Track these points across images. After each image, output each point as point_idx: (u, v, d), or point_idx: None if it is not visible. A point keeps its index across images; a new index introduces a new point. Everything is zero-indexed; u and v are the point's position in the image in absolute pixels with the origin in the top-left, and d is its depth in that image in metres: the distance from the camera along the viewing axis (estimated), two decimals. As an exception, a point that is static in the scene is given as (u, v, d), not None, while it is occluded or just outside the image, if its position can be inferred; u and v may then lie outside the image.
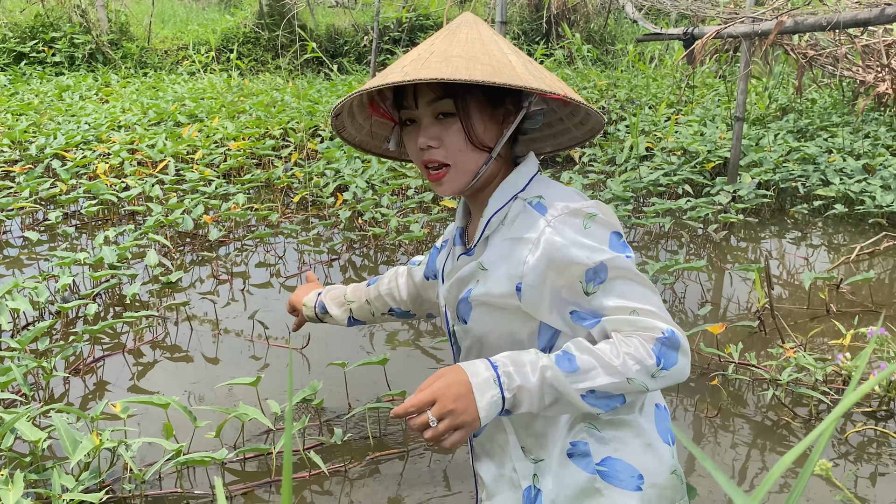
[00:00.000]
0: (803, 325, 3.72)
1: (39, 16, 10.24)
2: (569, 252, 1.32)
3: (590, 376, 1.28)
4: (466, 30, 1.44)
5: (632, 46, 10.76)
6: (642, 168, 5.97)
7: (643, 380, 1.29)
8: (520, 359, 1.33)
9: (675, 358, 1.30)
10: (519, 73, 1.35)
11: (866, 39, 6.23)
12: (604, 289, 1.32)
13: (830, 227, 5.26)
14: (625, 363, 1.28)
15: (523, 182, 1.46)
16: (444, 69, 1.32)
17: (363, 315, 2.12)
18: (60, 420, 2.32)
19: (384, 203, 5.12)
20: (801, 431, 2.87)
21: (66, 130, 6.50)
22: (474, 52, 1.37)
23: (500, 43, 1.44)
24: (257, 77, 10.11)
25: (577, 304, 1.35)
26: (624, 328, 1.31)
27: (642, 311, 1.31)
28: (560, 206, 1.37)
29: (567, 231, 1.34)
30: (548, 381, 1.29)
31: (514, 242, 1.40)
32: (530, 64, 1.45)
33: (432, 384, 1.30)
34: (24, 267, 4.43)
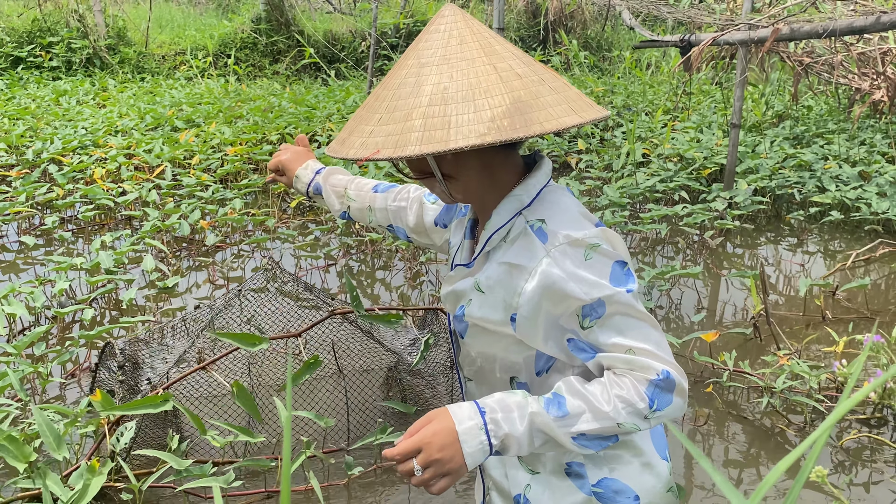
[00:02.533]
0: (799, 331, 3.72)
1: (37, 20, 10.25)
2: (566, 286, 1.28)
3: (580, 421, 1.27)
4: (442, 50, 1.32)
5: (628, 53, 10.79)
6: (639, 174, 5.98)
7: (635, 421, 1.27)
8: (508, 403, 1.30)
9: (669, 399, 1.29)
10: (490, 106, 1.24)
11: (862, 47, 6.26)
12: (601, 324, 1.29)
13: (826, 234, 5.27)
14: (615, 408, 1.26)
15: (529, 196, 1.39)
16: (359, 148, 1.27)
17: (360, 217, 2.00)
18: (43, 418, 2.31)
19: (381, 209, 5.12)
20: (796, 439, 2.87)
21: (63, 135, 6.50)
22: (418, 102, 1.26)
23: (480, 56, 1.31)
24: (255, 82, 10.12)
25: (574, 333, 1.33)
26: (618, 366, 1.29)
27: (638, 349, 1.28)
28: (561, 236, 1.31)
29: (566, 263, 1.29)
30: (536, 426, 1.27)
31: (512, 269, 1.35)
32: (522, 67, 1.32)
33: (419, 430, 1.29)
34: (20, 272, 4.43)
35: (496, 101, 1.24)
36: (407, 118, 1.25)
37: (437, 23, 1.35)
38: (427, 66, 1.29)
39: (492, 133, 1.20)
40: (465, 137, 1.20)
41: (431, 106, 1.25)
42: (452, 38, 1.31)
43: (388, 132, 1.26)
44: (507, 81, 1.26)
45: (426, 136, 1.22)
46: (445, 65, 1.28)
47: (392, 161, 1.28)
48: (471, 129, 1.21)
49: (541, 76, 1.31)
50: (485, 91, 1.25)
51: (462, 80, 1.26)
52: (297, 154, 2.04)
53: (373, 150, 1.24)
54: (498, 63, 1.29)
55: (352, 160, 1.27)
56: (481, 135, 1.20)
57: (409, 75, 1.30)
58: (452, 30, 1.33)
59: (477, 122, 1.22)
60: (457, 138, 1.20)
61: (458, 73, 1.27)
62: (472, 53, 1.29)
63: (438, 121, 1.23)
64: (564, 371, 1.40)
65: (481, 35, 1.33)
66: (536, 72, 1.32)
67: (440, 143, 1.20)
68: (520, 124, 1.22)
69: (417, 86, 1.28)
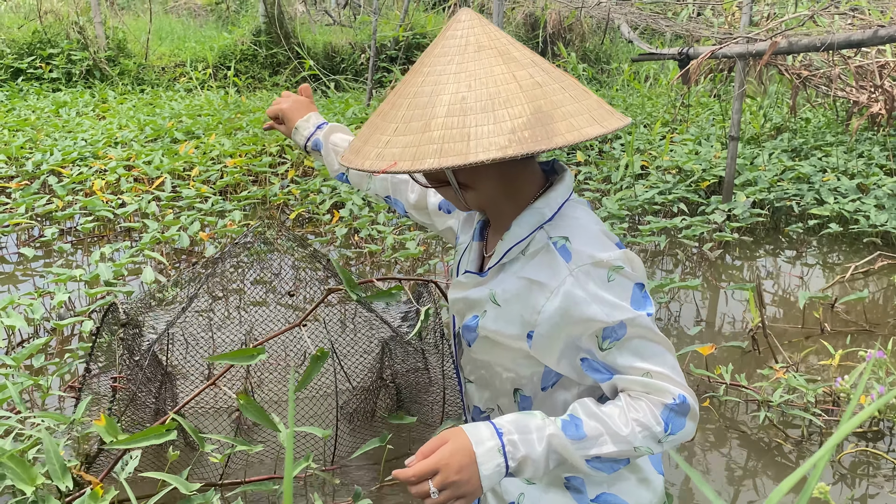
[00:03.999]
0: (798, 344, 3.73)
1: (37, 32, 10.28)
2: (588, 308, 1.26)
3: (597, 443, 1.25)
4: (459, 57, 1.28)
5: (627, 65, 10.82)
6: (638, 186, 5.99)
7: (649, 445, 1.27)
8: (526, 424, 1.27)
9: (682, 423, 1.28)
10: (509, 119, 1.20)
11: (860, 60, 6.29)
12: (619, 346, 1.28)
13: (825, 246, 5.28)
14: (633, 431, 1.25)
15: (551, 211, 1.35)
16: (375, 160, 1.23)
17: (357, 182, 1.92)
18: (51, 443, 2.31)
19: (380, 220, 5.13)
20: (793, 453, 2.87)
21: (62, 147, 6.51)
22: (435, 112, 1.22)
23: (498, 64, 1.26)
24: (254, 94, 10.15)
25: (590, 354, 1.31)
26: (635, 389, 1.29)
27: (656, 373, 1.28)
28: (586, 255, 1.29)
29: (589, 284, 1.27)
30: (553, 448, 1.26)
31: (532, 285, 1.32)
32: (543, 74, 1.27)
33: (435, 450, 1.26)
34: (19, 283, 4.43)
35: (516, 111, 1.20)
36: (424, 129, 1.21)
37: (454, 28, 1.30)
38: (444, 75, 1.25)
39: (513, 146, 1.16)
40: (486, 150, 1.16)
41: (450, 117, 1.20)
42: (469, 45, 1.27)
43: (404, 143, 1.21)
44: (527, 90, 1.22)
45: (445, 148, 1.18)
46: (463, 73, 1.24)
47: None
48: (491, 141, 1.17)
49: (561, 84, 1.27)
50: (504, 101, 1.20)
51: (481, 89, 1.22)
52: (300, 104, 1.95)
53: (389, 163, 1.20)
54: (517, 71, 1.24)
55: (367, 172, 1.24)
56: (502, 147, 1.16)
57: (425, 83, 1.26)
58: (469, 36, 1.28)
59: (497, 134, 1.17)
60: (476, 151, 1.16)
61: (476, 82, 1.22)
62: (491, 61, 1.24)
63: (457, 132, 1.19)
64: (570, 388, 1.39)
65: (499, 41, 1.28)
66: (556, 79, 1.27)
67: (459, 156, 1.17)
68: (541, 136, 1.18)
69: (434, 95, 1.23)
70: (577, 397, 1.39)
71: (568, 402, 1.39)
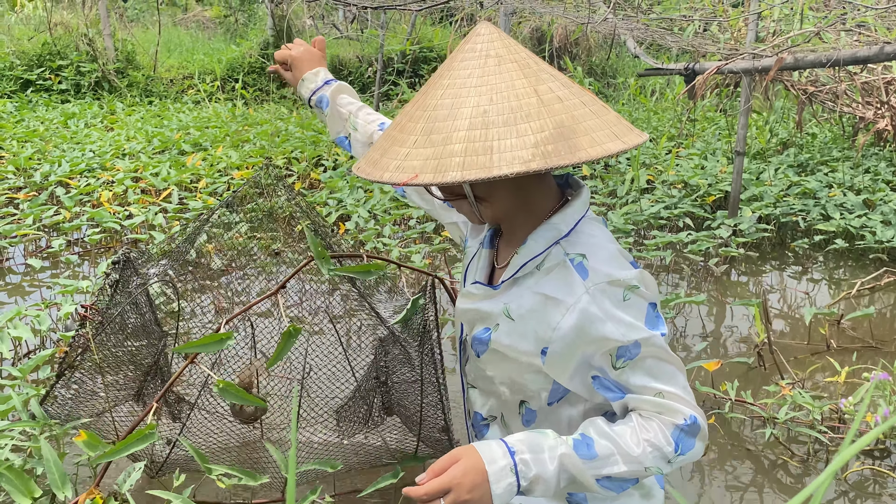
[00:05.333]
0: (804, 360, 3.71)
1: (47, 44, 10.34)
2: (604, 327, 1.26)
3: (608, 463, 1.26)
4: (481, 69, 1.26)
5: (633, 80, 10.85)
6: (643, 201, 5.99)
7: (659, 465, 1.27)
8: (538, 443, 1.27)
9: (692, 443, 1.29)
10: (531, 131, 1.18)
11: (866, 76, 6.29)
12: (633, 366, 1.28)
13: (831, 262, 5.27)
14: (644, 452, 1.26)
15: (567, 227, 1.34)
16: (394, 171, 1.22)
17: (358, 151, 1.87)
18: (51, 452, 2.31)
19: (386, 233, 5.14)
20: (799, 470, 2.86)
21: (70, 158, 6.54)
22: (456, 125, 1.20)
23: (521, 78, 1.25)
24: (262, 107, 10.19)
25: (602, 372, 1.31)
26: (646, 408, 1.29)
27: (668, 393, 1.28)
28: (602, 273, 1.28)
29: (605, 302, 1.27)
30: (565, 468, 1.26)
31: (547, 301, 1.31)
32: (561, 89, 1.25)
33: (447, 468, 1.25)
34: (26, 294, 4.44)
35: (538, 125, 1.19)
36: (446, 142, 1.20)
37: (473, 41, 1.29)
38: (465, 88, 1.24)
39: (536, 160, 1.15)
40: (509, 164, 1.15)
41: (472, 130, 1.19)
42: (490, 58, 1.26)
43: (425, 156, 1.20)
44: (549, 105, 1.21)
45: (468, 161, 1.17)
46: (484, 86, 1.22)
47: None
48: (514, 155, 1.16)
49: (581, 99, 1.26)
50: (526, 115, 1.19)
51: (502, 102, 1.20)
52: (311, 55, 1.90)
53: (410, 175, 1.19)
54: (538, 85, 1.23)
55: (387, 184, 1.25)
56: (525, 161, 1.15)
57: (445, 96, 1.25)
58: (489, 49, 1.27)
59: (520, 148, 1.16)
60: (500, 165, 1.15)
61: (497, 96, 1.21)
62: (511, 74, 1.23)
63: (480, 146, 1.17)
64: (576, 404, 1.39)
65: (519, 55, 1.27)
66: (576, 94, 1.26)
67: (482, 169, 1.15)
68: (564, 151, 1.17)
69: (455, 108, 1.22)
70: (583, 413, 1.39)
71: (573, 418, 1.39)
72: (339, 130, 1.87)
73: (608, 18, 4.36)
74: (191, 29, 14.56)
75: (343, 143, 1.91)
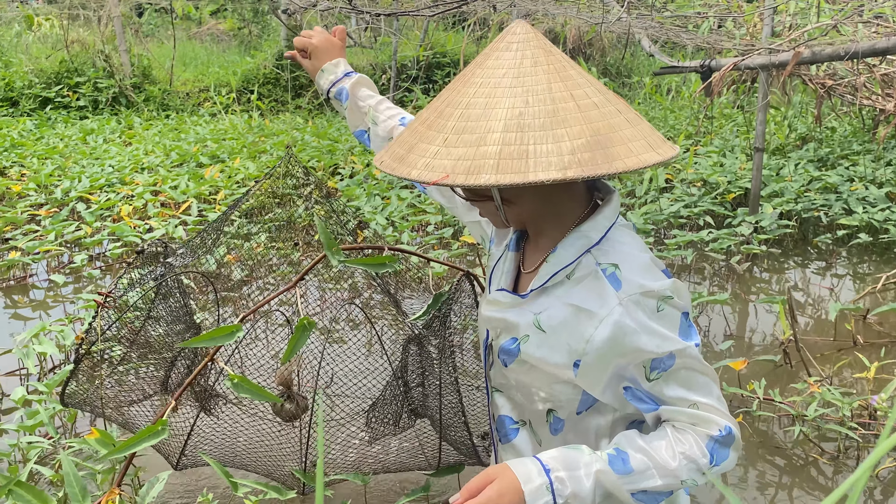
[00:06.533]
0: (830, 356, 3.67)
1: (64, 62, 10.45)
2: (638, 339, 1.23)
3: (644, 477, 1.24)
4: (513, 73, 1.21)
5: (648, 79, 10.80)
6: (662, 200, 5.96)
7: (694, 477, 1.25)
8: (574, 460, 1.25)
9: (727, 454, 1.27)
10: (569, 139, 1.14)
11: (885, 68, 6.22)
12: (667, 377, 1.25)
13: (855, 257, 5.21)
14: (680, 465, 1.24)
15: (598, 234, 1.30)
16: (423, 170, 1.17)
17: (377, 145, 1.82)
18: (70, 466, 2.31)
19: (404, 239, 5.14)
20: (830, 468, 2.82)
21: (90, 173, 6.59)
22: (491, 126, 1.16)
23: (557, 81, 1.20)
24: (277, 117, 10.24)
25: (635, 383, 1.28)
26: (680, 420, 1.27)
27: (702, 405, 1.26)
28: (636, 284, 1.24)
29: (639, 314, 1.23)
30: (601, 484, 1.24)
31: (579, 313, 1.27)
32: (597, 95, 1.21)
33: (482, 488, 1.23)
34: (49, 310, 4.48)
35: (575, 131, 1.14)
36: (480, 143, 1.15)
37: (508, 40, 1.24)
38: (499, 88, 1.19)
39: (573, 167, 1.11)
40: (545, 170, 1.11)
41: (507, 132, 1.14)
42: (526, 59, 1.21)
43: (457, 156, 1.16)
44: (585, 111, 1.17)
45: (502, 164, 1.12)
46: (519, 87, 1.18)
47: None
48: (550, 161, 1.12)
49: (616, 107, 1.22)
50: (562, 120, 1.15)
51: (538, 105, 1.16)
52: (331, 45, 1.85)
53: (440, 174, 1.15)
54: (574, 90, 1.19)
55: (415, 182, 1.19)
56: (562, 168, 1.11)
57: (478, 94, 1.20)
58: (525, 49, 1.22)
59: (556, 154, 1.12)
60: (536, 170, 1.11)
61: (533, 98, 1.17)
62: (547, 77, 1.19)
63: (515, 149, 1.13)
64: (605, 413, 1.37)
65: (554, 57, 1.23)
66: (611, 101, 1.22)
67: (518, 173, 1.11)
68: (601, 159, 1.13)
69: (489, 108, 1.17)
70: (611, 423, 1.37)
71: (601, 427, 1.37)
72: (357, 124, 1.84)
73: (622, 18, 4.34)
74: (205, 42, 14.68)
75: (362, 136, 1.87)
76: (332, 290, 4.60)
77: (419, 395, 2.76)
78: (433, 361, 2.55)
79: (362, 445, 2.81)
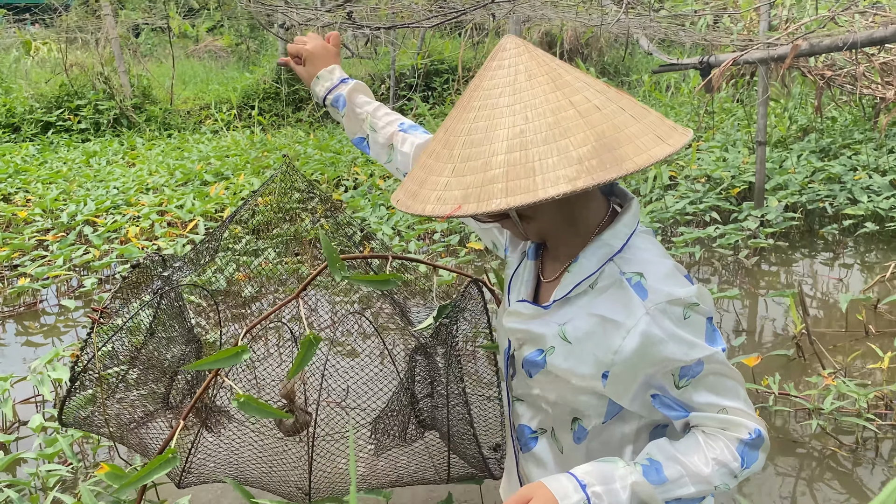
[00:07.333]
0: (842, 347, 3.67)
1: (64, 85, 10.50)
2: (666, 348, 1.22)
3: (678, 485, 1.25)
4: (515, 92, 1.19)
5: (647, 76, 10.81)
6: (668, 197, 5.96)
7: (726, 481, 1.26)
8: (610, 474, 1.25)
9: (756, 456, 1.27)
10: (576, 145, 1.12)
11: (884, 57, 6.22)
12: (695, 384, 1.25)
13: (862, 246, 5.21)
14: (712, 471, 1.25)
15: (620, 242, 1.29)
16: (436, 203, 1.16)
17: (377, 153, 1.81)
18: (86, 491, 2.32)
19: (412, 248, 5.15)
20: (849, 460, 2.82)
21: (95, 196, 6.62)
22: (494, 149, 1.15)
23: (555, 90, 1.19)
24: (279, 131, 10.27)
25: (662, 391, 1.28)
26: (710, 425, 1.28)
27: (731, 409, 1.27)
28: (662, 293, 1.24)
29: (666, 322, 1.23)
30: (636, 495, 1.24)
31: (605, 323, 1.26)
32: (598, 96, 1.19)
33: None
34: (61, 335, 4.49)
35: (579, 139, 1.13)
36: (486, 168, 1.14)
37: (500, 57, 1.23)
38: (497, 108, 1.18)
39: (582, 177, 1.09)
40: (555, 184, 1.09)
41: (510, 153, 1.13)
42: (520, 74, 1.20)
43: (466, 184, 1.15)
44: (587, 116, 1.15)
45: (510, 186, 1.11)
46: (517, 104, 1.17)
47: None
48: (558, 174, 1.10)
49: (619, 104, 1.20)
50: (565, 130, 1.13)
51: (538, 119, 1.15)
52: (326, 51, 1.83)
53: (452, 206, 1.14)
54: (573, 96, 1.17)
55: (431, 217, 1.17)
56: (571, 180, 1.09)
57: (478, 119, 1.19)
58: (518, 64, 1.21)
59: (564, 166, 1.11)
60: (545, 186, 1.09)
61: (532, 113, 1.15)
62: (544, 88, 1.18)
63: (521, 168, 1.12)
64: (630, 421, 1.37)
65: (548, 66, 1.21)
66: (613, 99, 1.20)
67: (527, 192, 1.10)
68: (610, 163, 1.11)
69: (490, 130, 1.16)
70: (636, 430, 1.37)
71: (626, 434, 1.37)
72: (355, 131, 1.84)
73: (620, 19, 4.36)
74: (203, 59, 14.73)
75: (361, 144, 1.86)
76: (341, 304, 4.61)
77: (427, 407, 2.76)
78: (440, 372, 2.54)
79: (370, 458, 2.82)
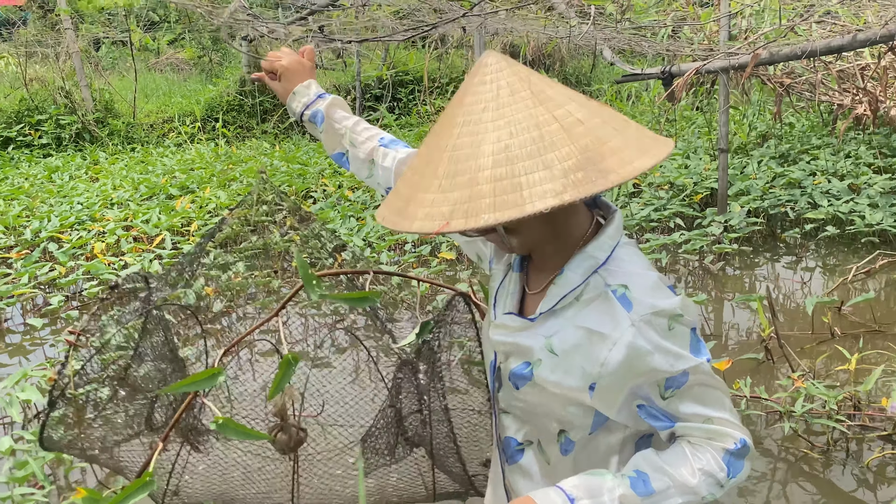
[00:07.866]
0: (810, 350, 3.75)
1: (24, 100, 10.34)
2: (652, 359, 1.24)
3: (665, 497, 1.26)
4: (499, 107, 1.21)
5: (608, 86, 10.93)
6: (632, 205, 6.04)
7: (713, 491, 1.28)
8: (597, 487, 1.27)
9: (741, 465, 1.30)
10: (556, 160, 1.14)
11: (840, 65, 6.38)
12: (681, 394, 1.27)
13: (823, 249, 5.32)
14: (699, 481, 1.26)
15: (604, 254, 1.30)
16: (424, 220, 1.17)
17: (357, 168, 1.78)
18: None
19: (383, 259, 5.15)
20: (820, 461, 2.88)
21: (59, 212, 6.53)
22: (480, 164, 1.17)
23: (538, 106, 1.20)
24: (244, 143, 10.21)
25: (648, 401, 1.30)
26: (696, 435, 1.29)
27: (717, 419, 1.29)
28: (647, 304, 1.25)
29: (651, 334, 1.24)
30: None
31: (591, 335, 1.28)
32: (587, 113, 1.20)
33: None
34: (27, 354, 4.42)
35: (564, 153, 1.15)
36: (472, 183, 1.16)
37: (482, 73, 1.24)
38: (481, 124, 1.19)
39: (569, 190, 1.11)
40: (542, 198, 1.11)
41: (497, 168, 1.15)
42: (502, 89, 1.21)
43: (453, 200, 1.16)
44: (570, 130, 1.17)
45: (498, 201, 1.13)
46: (501, 119, 1.18)
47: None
48: (545, 188, 1.12)
49: (602, 117, 1.21)
50: (550, 144, 1.15)
51: (523, 134, 1.16)
52: (301, 66, 1.81)
53: (441, 223, 1.15)
54: (556, 110, 1.19)
55: (419, 234, 1.20)
56: (558, 193, 1.11)
57: (462, 135, 1.20)
58: (500, 79, 1.22)
59: (550, 180, 1.12)
60: (532, 200, 1.11)
61: (516, 128, 1.17)
62: (527, 103, 1.19)
63: (508, 183, 1.13)
64: (616, 431, 1.38)
65: (530, 81, 1.23)
66: (595, 112, 1.22)
67: (515, 207, 1.12)
68: (595, 176, 1.13)
69: (475, 146, 1.18)
70: (621, 440, 1.39)
71: (612, 445, 1.39)
72: (335, 147, 1.81)
73: (584, 32, 4.42)
74: (165, 72, 14.58)
75: (340, 159, 1.83)
76: (314, 317, 4.60)
77: (415, 424, 2.76)
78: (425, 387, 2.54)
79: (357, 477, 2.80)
